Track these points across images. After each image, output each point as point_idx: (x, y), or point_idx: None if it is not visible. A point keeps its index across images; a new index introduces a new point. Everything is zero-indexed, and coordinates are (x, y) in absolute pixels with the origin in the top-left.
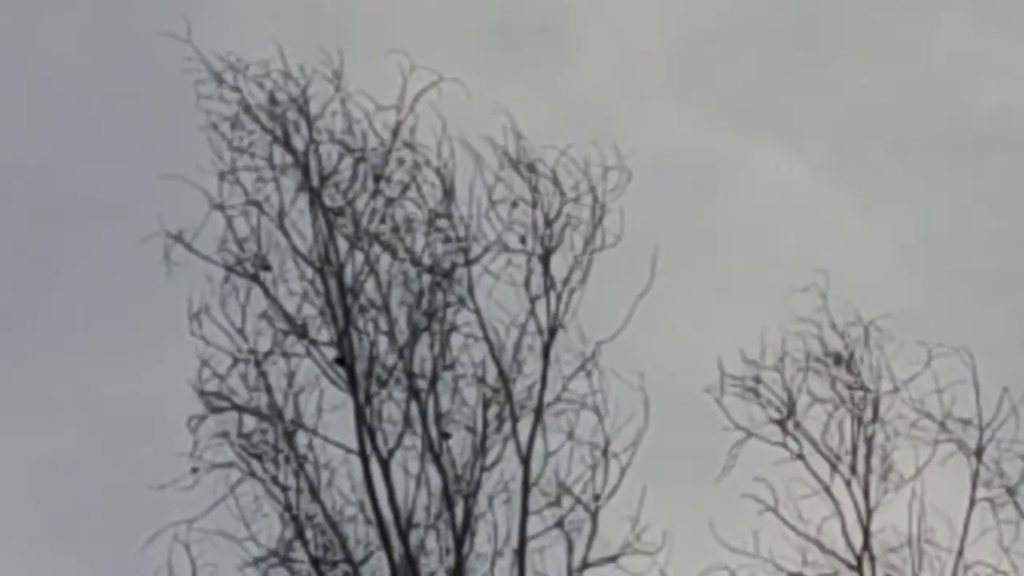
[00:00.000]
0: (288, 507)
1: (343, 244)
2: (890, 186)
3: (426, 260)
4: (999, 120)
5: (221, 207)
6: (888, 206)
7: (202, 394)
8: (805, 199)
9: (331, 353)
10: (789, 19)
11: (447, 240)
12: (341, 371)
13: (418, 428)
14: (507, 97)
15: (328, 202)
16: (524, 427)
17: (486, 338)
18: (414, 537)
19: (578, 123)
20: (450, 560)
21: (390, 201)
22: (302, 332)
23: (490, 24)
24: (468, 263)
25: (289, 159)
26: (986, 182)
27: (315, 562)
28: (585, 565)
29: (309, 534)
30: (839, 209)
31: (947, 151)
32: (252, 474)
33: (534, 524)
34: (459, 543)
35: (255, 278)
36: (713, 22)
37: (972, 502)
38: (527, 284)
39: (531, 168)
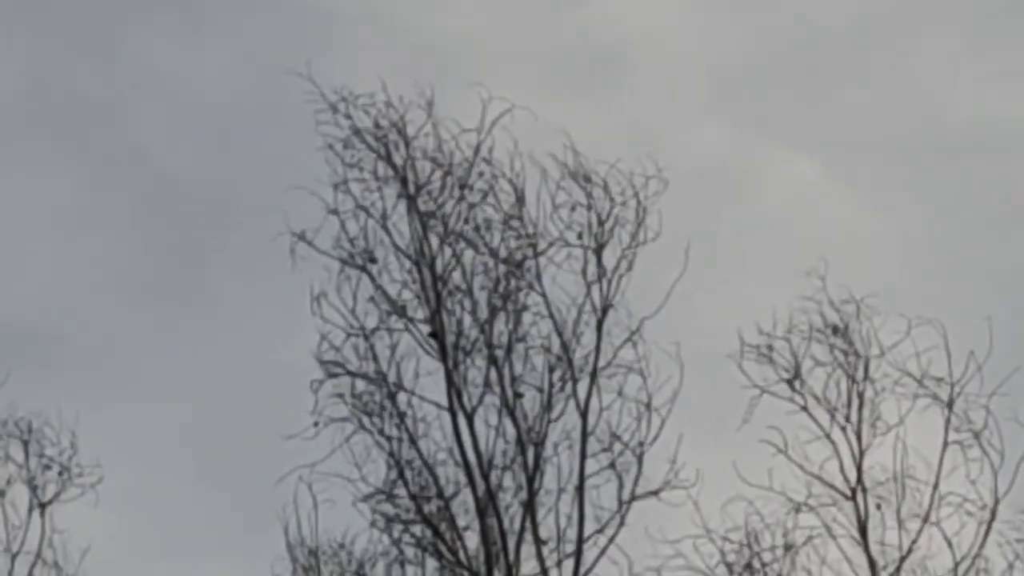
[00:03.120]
0: (391, 454)
1: (435, 241)
2: (885, 186)
3: (502, 253)
4: (974, 129)
5: (336, 212)
6: (883, 203)
7: (322, 363)
8: (815, 198)
9: (425, 329)
10: (801, 47)
11: (519, 237)
12: (434, 343)
13: (496, 389)
14: (571, 117)
15: (422, 207)
16: (582, 388)
17: (551, 316)
18: (494, 477)
19: (628, 139)
20: (523, 495)
21: (472, 206)
22: (402, 312)
23: (560, 57)
24: (536, 256)
25: (390, 172)
26: (963, 182)
27: (413, 498)
28: (633, 498)
29: (409, 475)
30: (842, 206)
31: (932, 156)
32: (362, 427)
33: (590, 466)
34: (530, 482)
35: (364, 269)
36: (739, 51)
37: (945, 444)
38: (584, 272)
39: (586, 178)
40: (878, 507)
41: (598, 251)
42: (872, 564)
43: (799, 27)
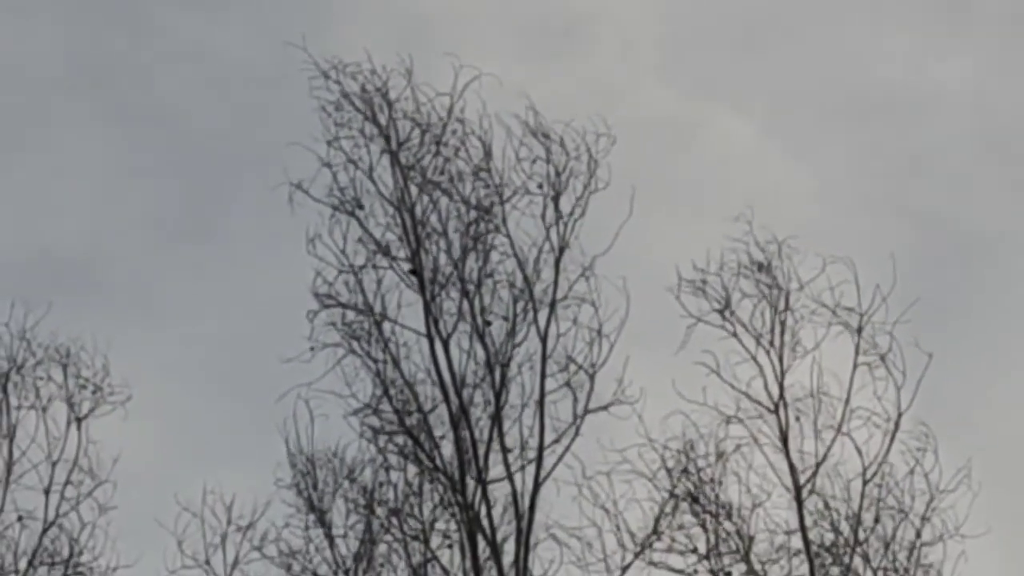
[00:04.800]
0: (377, 374)
1: (414, 190)
2: (810, 140)
3: (472, 200)
4: (888, 90)
5: (328, 165)
6: (807, 155)
7: (316, 295)
8: (748, 150)
9: (406, 266)
10: (741, 16)
11: (487, 186)
12: (414, 279)
13: (468, 318)
14: (538, 79)
15: (403, 160)
16: (542, 317)
17: (515, 255)
18: (466, 394)
19: (587, 99)
20: (491, 410)
21: (446, 159)
22: (386, 252)
23: (529, 25)
24: (502, 202)
25: (375, 131)
26: (876, 136)
27: (396, 412)
28: (586, 412)
29: (392, 393)
30: (772, 157)
31: (851, 113)
32: (352, 351)
33: (549, 384)
34: (497, 398)
35: (352, 214)
36: (688, 19)
37: (855, 366)
38: (543, 217)
39: (545, 135)
40: (797, 419)
41: (555, 199)
42: (792, 469)
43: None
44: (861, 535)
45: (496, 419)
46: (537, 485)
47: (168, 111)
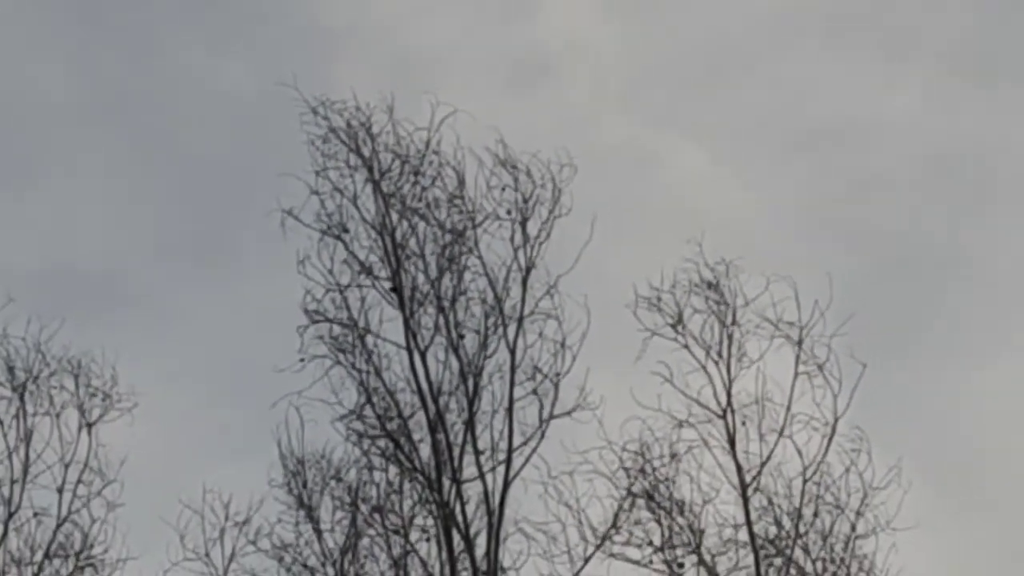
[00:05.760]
0: (361, 383)
1: (395, 215)
2: (759, 168)
3: (447, 225)
4: (831, 121)
5: (316, 193)
6: (756, 182)
7: (306, 312)
8: (702, 178)
9: (388, 285)
10: (697, 55)
11: (460, 212)
12: (394, 296)
13: (444, 332)
14: (511, 113)
15: (384, 189)
16: (511, 331)
17: (486, 274)
18: (442, 401)
19: (557, 131)
20: (465, 415)
21: (424, 188)
22: (369, 271)
23: (499, 65)
24: (474, 227)
25: (359, 162)
26: (820, 164)
27: (379, 418)
28: (551, 417)
29: (375, 400)
30: (724, 184)
31: (797, 143)
32: (338, 362)
33: (518, 392)
34: (470, 404)
35: (338, 238)
36: (648, 59)
37: (795, 375)
38: (512, 240)
39: (514, 166)
40: (743, 424)
41: (523, 223)
42: (739, 469)
43: (696, 38)
44: (802, 529)
45: (469, 424)
46: (507, 484)
47: (175, 142)
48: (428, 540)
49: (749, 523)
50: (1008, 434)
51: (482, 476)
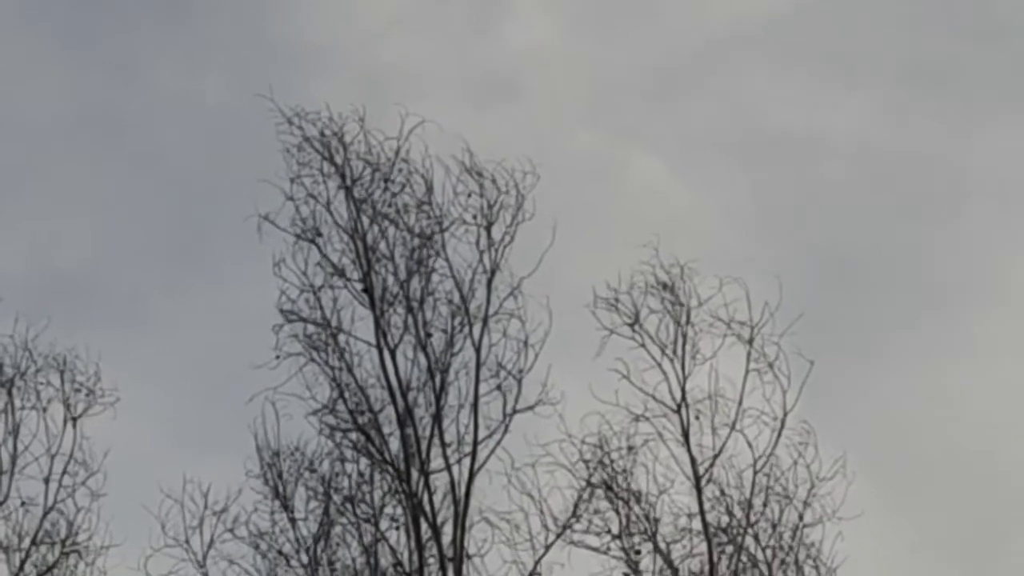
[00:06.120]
0: (334, 379)
1: (366, 220)
2: (713, 177)
3: (416, 230)
4: (782, 134)
5: (291, 199)
6: (710, 190)
7: (281, 311)
8: (658, 186)
9: (359, 286)
10: (654, 71)
11: (428, 217)
12: (365, 297)
13: (412, 331)
14: (473, 125)
15: (356, 195)
16: (476, 330)
17: (453, 276)
18: (410, 397)
19: (522, 142)
20: (432, 410)
21: (394, 194)
22: (341, 273)
23: (467, 79)
24: (442, 231)
25: (332, 169)
26: (772, 174)
27: (350, 412)
28: (514, 412)
29: (347, 396)
30: (680, 192)
31: (750, 154)
32: (312, 360)
33: (483, 388)
34: (437, 399)
35: (312, 241)
36: (608, 73)
37: (746, 372)
38: (477, 244)
39: (479, 173)
40: (697, 418)
41: (488, 228)
42: (692, 461)
43: (653, 55)
44: (752, 518)
45: (436, 418)
46: (472, 475)
47: (156, 151)
48: (397, 528)
49: (702, 512)
50: (948, 429)
51: (449, 468)
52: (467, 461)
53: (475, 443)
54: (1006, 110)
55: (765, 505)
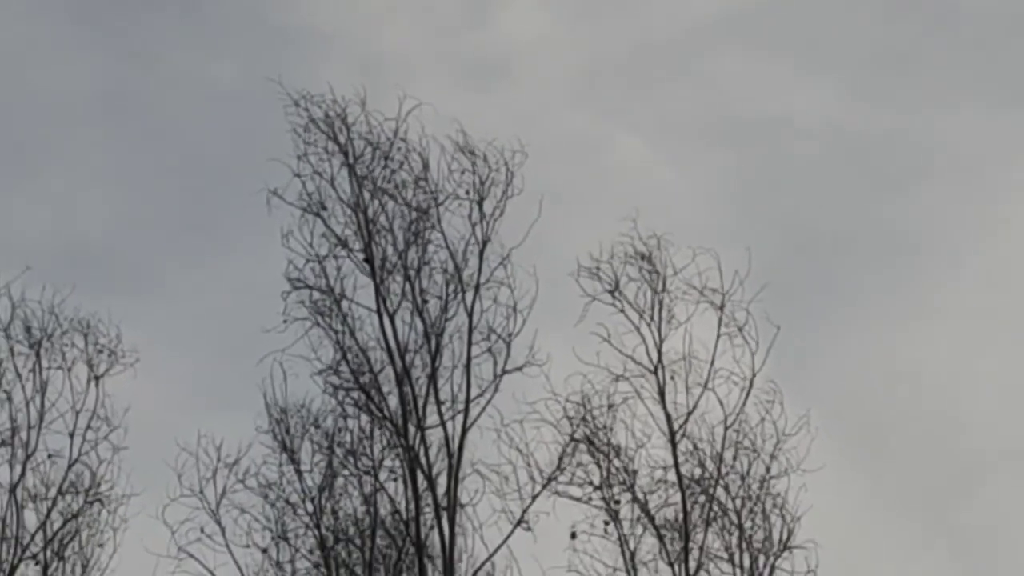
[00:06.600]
0: (337, 342)
1: (367, 195)
2: (689, 157)
3: (413, 204)
4: (754, 115)
5: (298, 175)
6: (686, 169)
7: (289, 279)
8: (638, 163)
9: (361, 256)
10: (637, 56)
11: (425, 193)
12: (367, 266)
13: (410, 297)
14: (467, 108)
15: (358, 171)
16: (469, 296)
17: (447, 247)
18: (408, 358)
19: (513, 123)
20: (428, 370)
21: (393, 171)
22: (344, 243)
23: (467, 63)
24: (437, 205)
25: (336, 148)
26: (743, 155)
27: (352, 373)
28: (504, 372)
29: (349, 357)
30: (658, 170)
31: (724, 136)
32: (317, 324)
33: (475, 350)
34: (433, 361)
35: (318, 215)
36: (594, 59)
37: (718, 335)
38: (470, 217)
39: (472, 152)
40: (672, 378)
41: (480, 202)
42: (668, 418)
43: (635, 42)
44: (723, 470)
45: (432, 378)
46: (464, 431)
47: (172, 131)
48: (396, 480)
49: (677, 465)
50: (904, 389)
51: (443, 424)
52: (460, 418)
53: (467, 401)
54: (963, 93)
55: (735, 458)
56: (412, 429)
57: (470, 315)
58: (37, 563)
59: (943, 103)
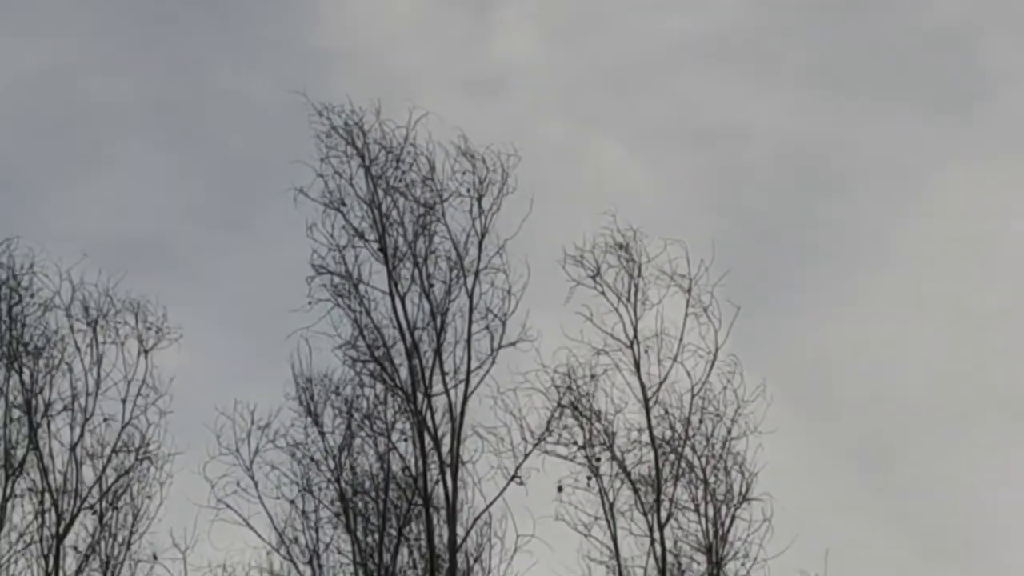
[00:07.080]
0: (355, 320)
1: (381, 193)
2: (663, 161)
3: (421, 200)
4: (717, 124)
5: (321, 175)
6: (660, 171)
7: (313, 266)
8: (618, 166)
9: (376, 246)
10: (617, 72)
11: (431, 191)
12: (381, 255)
13: (418, 282)
14: (472, 116)
15: (373, 172)
16: (470, 281)
17: (450, 237)
18: (417, 334)
19: (506, 130)
20: (434, 345)
21: (403, 172)
22: (361, 235)
23: (466, 78)
24: (442, 201)
25: (353, 151)
26: (707, 158)
27: (368, 347)
28: (500, 347)
29: (365, 333)
30: (635, 172)
31: (692, 141)
32: (337, 305)
33: (474, 328)
34: (438, 337)
35: (338, 210)
36: (579, 75)
37: (686, 315)
38: (470, 212)
39: (472, 155)
40: (646, 352)
41: (479, 199)
42: (643, 387)
43: (614, 59)
44: (690, 432)
45: (437, 352)
46: (466, 398)
47: (211, 137)
48: (406, 440)
49: (650, 428)
50: (845, 361)
51: (447, 392)
52: (462, 387)
53: (468, 372)
54: (891, 104)
55: (701, 422)
56: (420, 396)
57: (471, 297)
58: (94, 513)
59: (875, 114)
